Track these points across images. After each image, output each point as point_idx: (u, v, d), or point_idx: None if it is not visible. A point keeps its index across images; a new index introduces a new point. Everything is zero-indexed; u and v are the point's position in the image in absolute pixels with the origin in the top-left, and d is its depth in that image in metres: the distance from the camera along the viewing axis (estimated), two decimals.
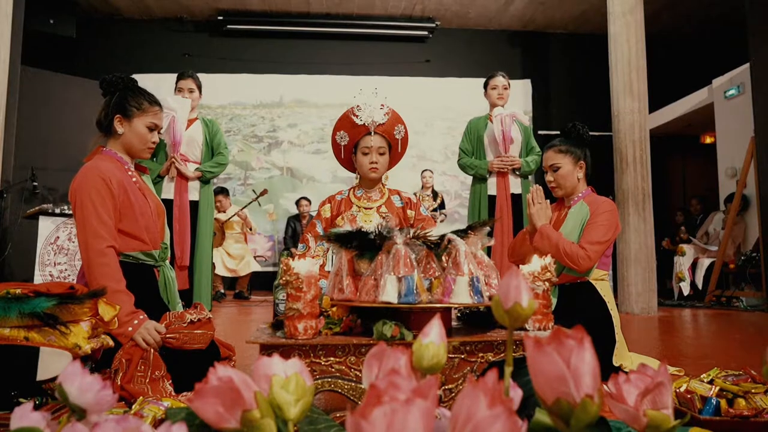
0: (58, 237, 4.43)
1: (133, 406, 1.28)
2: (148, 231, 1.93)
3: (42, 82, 6.21)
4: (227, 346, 1.98)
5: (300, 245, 2.25)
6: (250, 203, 6.70)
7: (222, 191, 6.63)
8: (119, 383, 1.60)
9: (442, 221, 6.80)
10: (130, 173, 1.97)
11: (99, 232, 1.78)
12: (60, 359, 1.47)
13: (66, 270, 4.40)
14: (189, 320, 1.76)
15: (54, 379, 1.45)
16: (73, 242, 4.44)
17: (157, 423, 1.17)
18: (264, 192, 6.71)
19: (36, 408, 0.64)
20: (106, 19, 8.17)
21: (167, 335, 1.72)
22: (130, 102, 1.96)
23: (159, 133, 2.05)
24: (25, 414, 0.62)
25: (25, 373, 1.45)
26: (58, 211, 4.47)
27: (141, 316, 1.74)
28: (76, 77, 6.59)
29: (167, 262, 2.06)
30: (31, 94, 5.90)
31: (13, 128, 5.12)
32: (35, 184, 5.65)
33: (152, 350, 1.69)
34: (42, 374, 1.46)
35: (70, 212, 4.39)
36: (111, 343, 1.66)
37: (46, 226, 4.42)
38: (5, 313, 1.46)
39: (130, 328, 1.71)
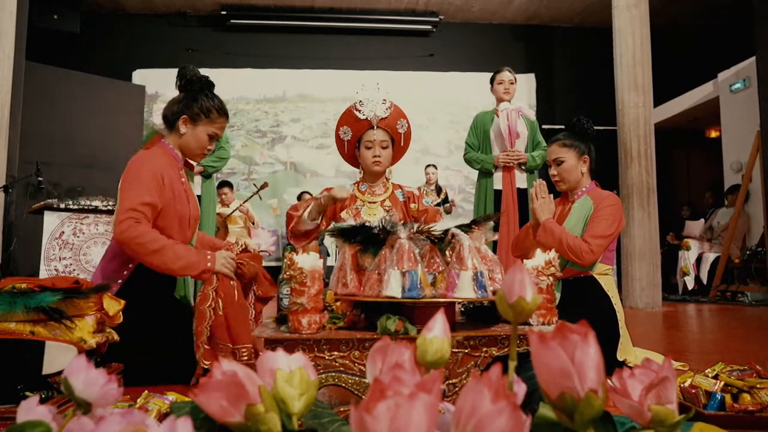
0: (63, 232, 4.44)
1: (138, 400, 1.29)
2: (180, 234, 1.94)
3: (46, 78, 6.20)
4: (270, 280, 2.00)
5: None
6: (251, 197, 6.70)
7: (226, 184, 6.70)
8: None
9: (448, 212, 6.82)
10: (180, 172, 1.98)
11: (139, 209, 1.80)
12: (65, 353, 1.48)
13: (71, 265, 4.40)
14: (240, 249, 1.86)
15: (59, 373, 1.46)
16: (78, 237, 4.44)
17: (161, 417, 1.18)
18: (265, 185, 6.71)
19: (42, 402, 0.65)
20: (110, 14, 8.17)
21: (237, 260, 1.79)
22: (201, 107, 1.96)
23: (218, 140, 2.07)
24: (31, 408, 0.62)
25: (30, 367, 1.46)
26: (63, 206, 4.47)
27: (209, 253, 1.78)
28: (81, 72, 6.58)
29: None
30: (35, 90, 5.90)
31: (18, 124, 5.13)
32: (40, 179, 5.65)
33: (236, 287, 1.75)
34: (48, 368, 1.47)
35: (75, 207, 4.40)
36: (116, 337, 1.67)
37: (51, 221, 4.42)
38: (11, 308, 1.47)
39: (209, 264, 1.74)
